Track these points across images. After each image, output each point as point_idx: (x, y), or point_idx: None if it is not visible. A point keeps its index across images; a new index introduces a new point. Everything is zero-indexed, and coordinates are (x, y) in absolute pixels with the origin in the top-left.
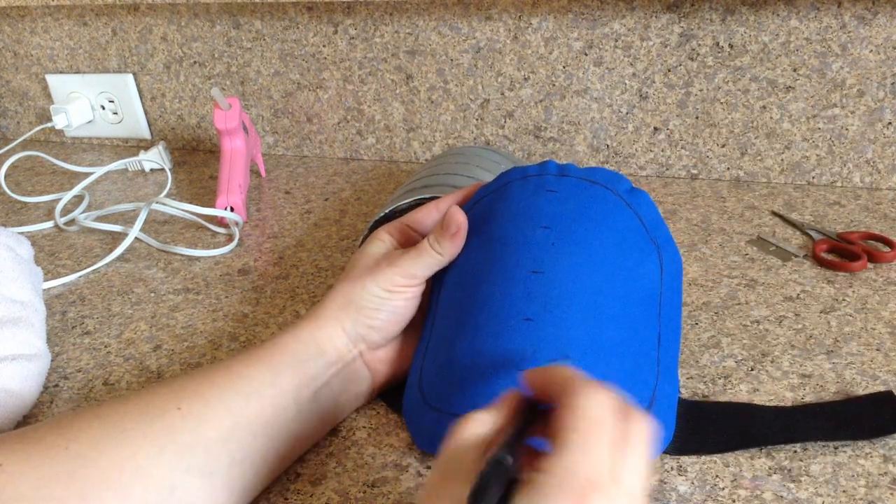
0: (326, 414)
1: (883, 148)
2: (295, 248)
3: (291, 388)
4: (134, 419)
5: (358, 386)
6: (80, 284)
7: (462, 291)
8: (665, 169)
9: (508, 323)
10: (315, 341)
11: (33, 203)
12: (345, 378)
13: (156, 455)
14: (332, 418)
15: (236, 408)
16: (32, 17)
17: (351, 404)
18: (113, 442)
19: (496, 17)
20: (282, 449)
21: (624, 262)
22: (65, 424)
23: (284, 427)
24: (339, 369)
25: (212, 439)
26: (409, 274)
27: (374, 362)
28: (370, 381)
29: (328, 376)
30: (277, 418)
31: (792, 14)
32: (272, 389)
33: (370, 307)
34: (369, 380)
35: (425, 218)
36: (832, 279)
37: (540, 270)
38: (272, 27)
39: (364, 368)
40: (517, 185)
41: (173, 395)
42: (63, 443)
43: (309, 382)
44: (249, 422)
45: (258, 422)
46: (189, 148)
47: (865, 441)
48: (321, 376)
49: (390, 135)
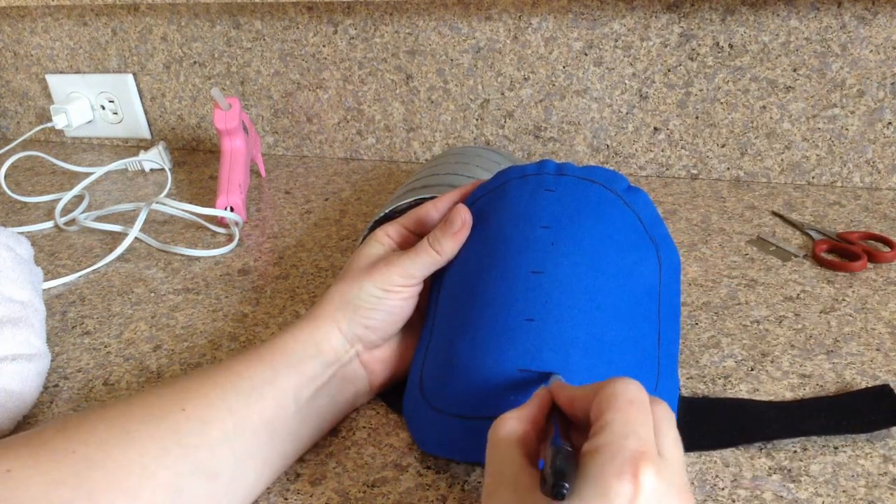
0: (326, 413)
1: (883, 148)
2: (295, 248)
3: (291, 388)
4: (139, 421)
5: (355, 386)
6: (80, 284)
7: (463, 291)
8: (665, 169)
9: (510, 323)
10: (313, 341)
11: (33, 203)
12: (342, 378)
13: (162, 456)
14: (332, 418)
15: (238, 408)
16: (32, 17)
17: (349, 404)
18: (119, 444)
19: (496, 17)
20: (283, 448)
21: (623, 261)
22: (70, 427)
23: (285, 426)
24: (337, 369)
25: (216, 440)
26: (407, 273)
27: (371, 362)
28: (367, 382)
29: (327, 376)
30: (278, 417)
31: (792, 14)
32: (272, 389)
33: (367, 307)
34: (366, 380)
35: (424, 218)
36: (832, 279)
37: (540, 270)
38: (272, 27)
39: (361, 369)
40: (516, 185)
41: (176, 396)
42: (70, 446)
43: (308, 382)
44: (251, 421)
45: (259, 421)
46: (189, 148)
47: (865, 441)
48: (320, 376)
49: (390, 135)
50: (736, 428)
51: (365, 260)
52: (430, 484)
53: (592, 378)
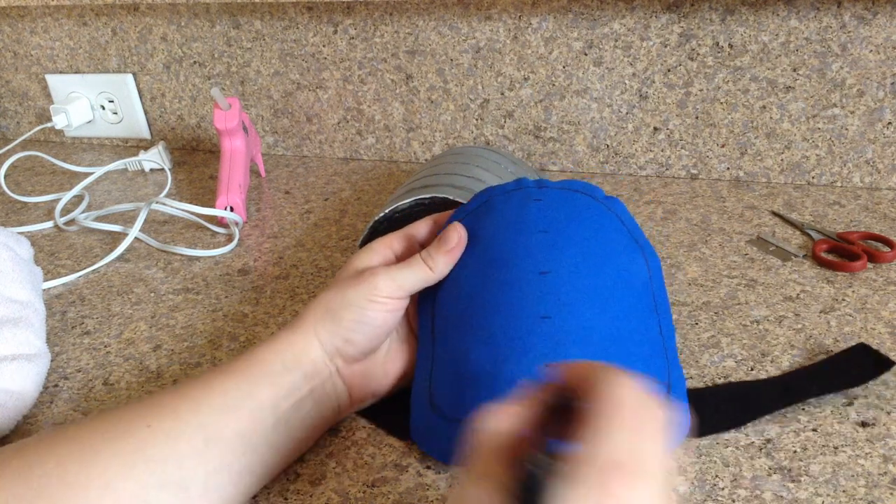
0: (308, 425)
1: (883, 148)
2: (295, 248)
3: (268, 400)
4: (101, 437)
5: (335, 400)
6: (79, 284)
7: (464, 305)
8: (665, 169)
9: (525, 323)
10: (292, 353)
11: (33, 203)
12: (322, 391)
13: (127, 471)
14: (314, 429)
15: (210, 422)
16: (32, 17)
17: (331, 417)
18: (80, 460)
19: (496, 17)
20: (263, 460)
21: (618, 260)
22: (30, 447)
23: (263, 439)
24: (317, 383)
25: (185, 453)
26: (395, 284)
27: (351, 377)
28: (347, 396)
29: (307, 389)
30: (254, 430)
31: (792, 14)
32: (249, 401)
33: (349, 318)
34: (346, 394)
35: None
36: (832, 279)
37: (547, 271)
38: (272, 27)
39: (341, 383)
40: (500, 199)
41: (143, 412)
42: (26, 465)
43: (287, 395)
44: (224, 435)
45: (234, 434)
46: (189, 148)
47: (865, 441)
48: (299, 389)
49: (390, 135)
50: (735, 409)
51: (350, 270)
52: (430, 484)
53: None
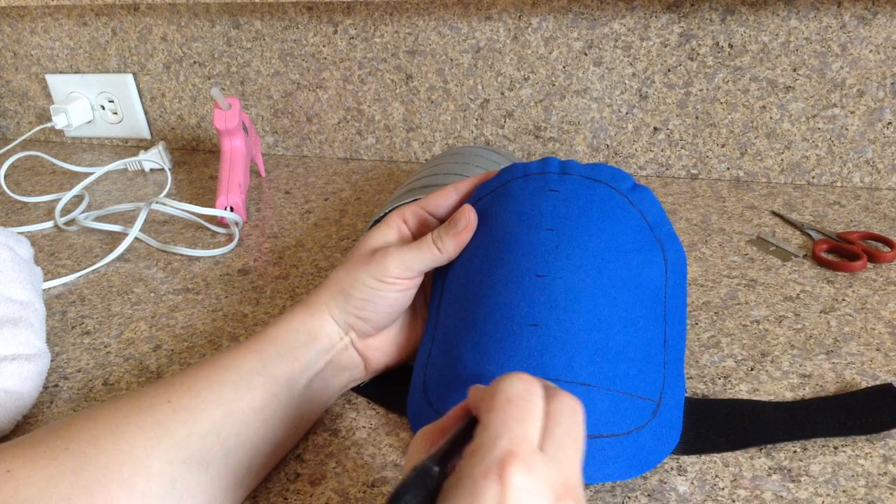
0: (320, 398)
1: (883, 148)
2: (295, 248)
3: (283, 376)
4: (126, 415)
5: (350, 371)
6: (79, 284)
7: (466, 294)
8: (665, 169)
9: (514, 328)
10: (306, 329)
11: (33, 203)
12: (338, 364)
13: (153, 447)
14: (326, 401)
15: (226, 398)
16: (32, 17)
17: (343, 387)
18: (110, 438)
19: (496, 17)
20: (277, 435)
21: (628, 263)
22: (62, 427)
23: (277, 414)
24: (333, 356)
25: (205, 429)
26: (405, 266)
27: (366, 350)
28: (363, 368)
29: (323, 363)
30: (269, 405)
31: (792, 14)
32: (262, 377)
33: (359, 297)
34: (361, 366)
35: (444, 201)
36: (832, 279)
37: (544, 274)
38: (272, 27)
39: (356, 355)
40: (518, 184)
41: (163, 390)
42: (63, 444)
43: (303, 370)
44: (240, 410)
45: (250, 410)
46: (189, 148)
47: (865, 441)
48: (315, 363)
49: (390, 135)
50: (738, 431)
51: (364, 248)
52: None
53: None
